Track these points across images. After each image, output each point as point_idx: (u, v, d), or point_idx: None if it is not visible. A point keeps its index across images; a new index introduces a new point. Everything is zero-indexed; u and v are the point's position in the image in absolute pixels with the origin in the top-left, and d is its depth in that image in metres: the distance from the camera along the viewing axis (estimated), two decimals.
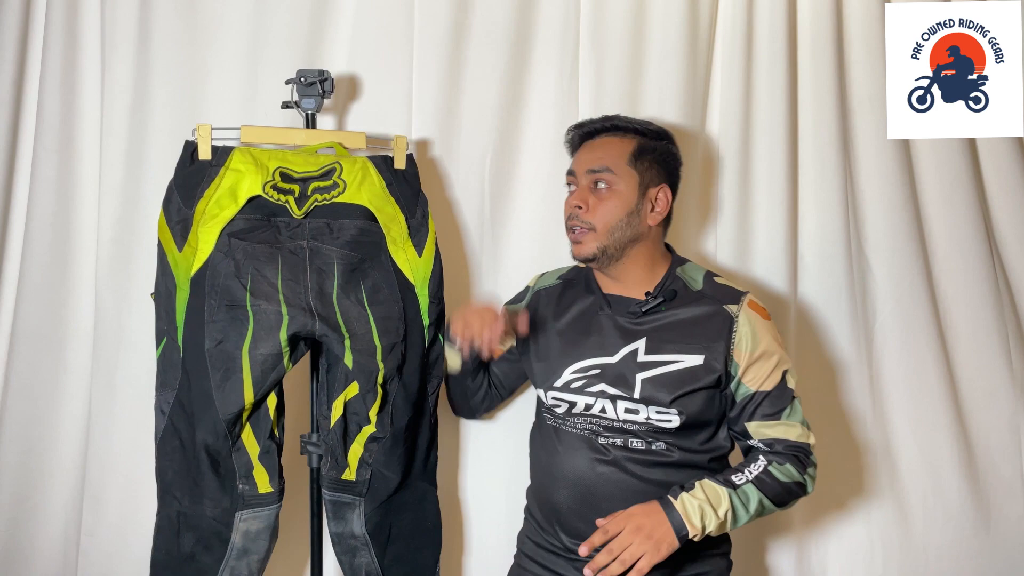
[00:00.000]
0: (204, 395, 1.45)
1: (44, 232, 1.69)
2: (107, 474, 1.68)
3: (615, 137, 1.51)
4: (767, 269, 1.85)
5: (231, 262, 1.48)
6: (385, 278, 1.55)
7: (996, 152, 1.95)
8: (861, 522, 1.88)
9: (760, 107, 1.84)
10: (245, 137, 1.54)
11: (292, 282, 1.50)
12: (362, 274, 1.55)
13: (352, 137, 1.60)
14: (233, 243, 1.49)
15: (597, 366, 1.45)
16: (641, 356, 1.43)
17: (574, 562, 1.46)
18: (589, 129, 1.54)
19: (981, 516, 1.90)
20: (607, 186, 1.46)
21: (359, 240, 1.54)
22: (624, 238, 1.46)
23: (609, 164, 1.47)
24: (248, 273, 1.48)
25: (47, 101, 1.68)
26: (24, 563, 1.71)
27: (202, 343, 1.46)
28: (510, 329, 1.54)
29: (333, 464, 1.56)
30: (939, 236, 1.92)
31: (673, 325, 1.44)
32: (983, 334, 1.93)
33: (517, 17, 1.75)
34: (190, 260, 1.48)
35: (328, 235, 1.54)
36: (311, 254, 1.52)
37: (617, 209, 1.45)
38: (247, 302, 1.46)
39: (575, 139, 1.57)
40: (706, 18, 1.83)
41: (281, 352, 1.47)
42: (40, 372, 1.70)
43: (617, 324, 1.47)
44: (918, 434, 1.89)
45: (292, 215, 1.53)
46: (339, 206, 1.54)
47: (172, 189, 1.51)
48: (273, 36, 1.69)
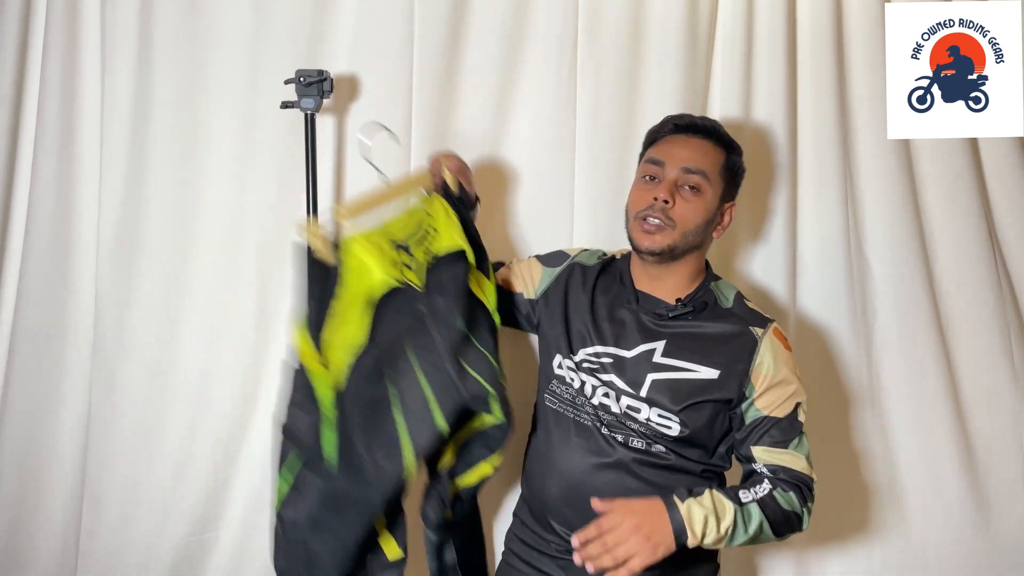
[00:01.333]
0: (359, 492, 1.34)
1: (44, 232, 1.69)
2: (107, 475, 1.68)
3: (710, 142, 1.49)
4: (767, 269, 1.85)
5: (373, 368, 1.36)
6: (483, 314, 1.47)
7: (997, 152, 1.95)
8: (861, 521, 1.88)
9: (760, 107, 1.84)
10: (339, 215, 1.40)
11: (430, 365, 1.37)
12: (473, 319, 1.44)
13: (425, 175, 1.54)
14: (373, 344, 1.36)
15: (611, 355, 1.45)
16: (657, 357, 1.42)
17: (559, 561, 1.45)
18: (688, 123, 1.51)
19: (981, 516, 1.90)
20: (699, 190, 1.45)
21: (463, 285, 1.44)
22: (692, 243, 1.46)
23: (706, 168, 1.46)
24: (393, 373, 1.37)
25: (47, 101, 1.68)
26: (24, 563, 1.72)
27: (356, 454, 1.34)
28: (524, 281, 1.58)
29: (441, 505, 1.46)
30: (940, 236, 1.92)
31: (696, 336, 1.44)
32: (984, 334, 1.93)
33: (516, 17, 1.75)
34: (333, 374, 1.35)
35: (441, 292, 1.42)
36: (434, 319, 1.40)
37: (701, 215, 1.45)
38: (394, 409, 1.35)
39: (669, 129, 1.52)
40: (706, 18, 1.83)
41: (440, 434, 1.37)
42: (40, 372, 1.70)
43: (640, 321, 1.46)
44: (918, 434, 1.89)
45: (417, 290, 1.40)
46: (441, 257, 1.45)
47: (310, 305, 1.36)
48: (273, 36, 1.69)
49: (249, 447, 1.73)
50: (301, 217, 1.61)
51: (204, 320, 1.71)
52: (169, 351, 1.70)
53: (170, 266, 1.70)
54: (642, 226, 1.45)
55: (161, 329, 1.70)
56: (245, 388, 1.72)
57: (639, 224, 1.46)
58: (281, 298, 1.74)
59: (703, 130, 1.50)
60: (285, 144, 1.71)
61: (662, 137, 1.52)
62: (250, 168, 1.71)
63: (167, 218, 1.70)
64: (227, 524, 1.72)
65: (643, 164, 1.52)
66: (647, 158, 1.51)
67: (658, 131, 1.54)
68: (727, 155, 1.50)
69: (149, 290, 1.69)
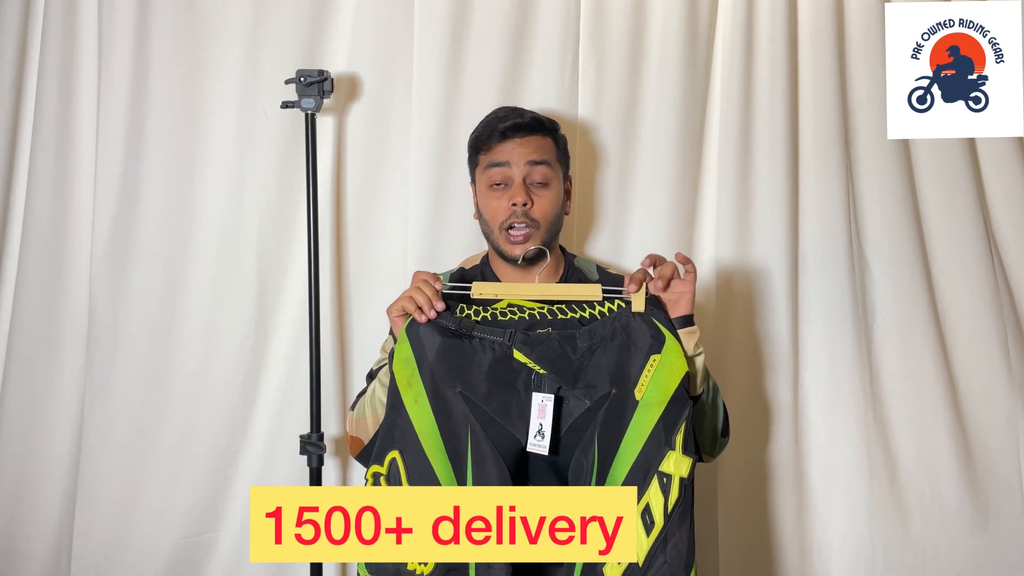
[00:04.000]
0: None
1: (41, 232, 1.69)
2: (102, 476, 1.67)
3: (539, 136, 1.45)
4: (767, 269, 1.85)
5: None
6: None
7: (996, 152, 1.95)
8: (861, 521, 1.88)
9: (760, 107, 1.84)
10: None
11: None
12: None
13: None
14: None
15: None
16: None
17: None
18: (513, 125, 1.43)
19: (979, 515, 1.90)
20: (546, 183, 1.43)
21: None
22: (555, 232, 1.45)
23: (548, 157, 1.43)
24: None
25: (45, 101, 1.68)
26: (18, 565, 1.71)
27: None
28: None
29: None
30: (939, 236, 1.92)
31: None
32: (982, 334, 1.93)
33: (517, 17, 1.74)
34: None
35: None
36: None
37: (556, 204, 1.44)
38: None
39: (498, 136, 1.43)
40: (706, 18, 1.83)
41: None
42: (36, 372, 1.69)
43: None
44: (917, 433, 1.89)
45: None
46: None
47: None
48: (273, 36, 1.69)
49: (247, 447, 1.72)
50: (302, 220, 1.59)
51: (201, 320, 1.70)
52: (166, 351, 1.70)
53: (167, 266, 1.69)
54: (509, 237, 1.41)
55: (157, 329, 1.69)
56: (243, 388, 1.72)
57: (505, 235, 1.41)
58: (279, 298, 1.73)
59: (529, 127, 1.44)
60: (285, 144, 1.71)
61: (494, 143, 1.44)
62: (250, 168, 1.70)
63: (165, 218, 1.69)
64: (226, 524, 1.72)
65: (484, 171, 1.44)
66: (487, 163, 1.44)
67: (487, 137, 1.45)
68: (555, 139, 1.47)
69: (146, 290, 1.68)
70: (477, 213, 1.50)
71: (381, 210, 1.75)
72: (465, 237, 1.74)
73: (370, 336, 1.76)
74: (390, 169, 1.75)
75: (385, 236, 1.76)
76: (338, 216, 1.74)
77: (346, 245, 1.75)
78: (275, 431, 1.72)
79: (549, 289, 1.33)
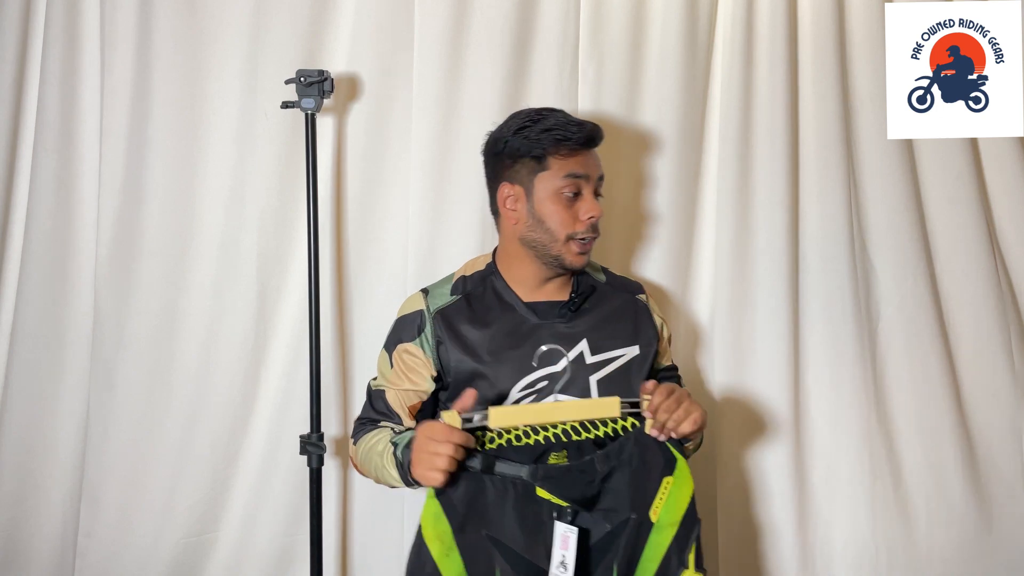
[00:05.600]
0: None
1: (44, 232, 1.69)
2: (105, 475, 1.67)
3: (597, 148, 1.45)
4: (768, 269, 1.85)
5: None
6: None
7: (998, 152, 1.95)
8: (865, 522, 1.87)
9: (760, 107, 1.84)
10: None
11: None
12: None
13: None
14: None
15: (544, 378, 1.37)
16: (589, 359, 1.39)
17: None
18: (589, 136, 1.40)
19: (983, 516, 1.90)
20: (601, 194, 1.44)
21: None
22: None
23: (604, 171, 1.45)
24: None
25: (47, 101, 1.68)
26: (22, 564, 1.71)
27: None
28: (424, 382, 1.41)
29: None
30: (941, 236, 1.92)
31: (602, 322, 1.43)
32: (985, 334, 1.93)
33: (517, 17, 1.75)
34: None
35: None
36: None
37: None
38: None
39: (580, 140, 1.39)
40: (706, 18, 1.83)
41: None
42: (39, 372, 1.70)
43: (554, 331, 1.39)
44: (921, 434, 1.89)
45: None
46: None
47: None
48: (273, 36, 1.69)
49: (248, 448, 1.72)
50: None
51: (203, 320, 1.70)
52: (168, 351, 1.70)
53: (169, 266, 1.69)
54: (578, 248, 1.39)
55: (160, 329, 1.69)
56: (244, 389, 1.72)
57: (573, 245, 1.39)
58: (280, 298, 1.73)
59: (599, 140, 1.42)
60: (285, 144, 1.71)
61: (573, 152, 1.39)
62: (250, 168, 1.70)
63: (167, 218, 1.69)
64: (227, 524, 1.72)
65: (555, 178, 1.38)
66: (566, 172, 1.37)
67: (560, 143, 1.38)
68: None
69: (148, 290, 1.68)
70: (521, 218, 1.41)
71: (381, 210, 1.75)
72: (465, 237, 1.74)
73: (370, 336, 1.75)
74: (390, 169, 1.75)
75: (385, 236, 1.76)
76: (338, 216, 1.74)
77: (346, 245, 1.75)
78: (275, 431, 1.72)
79: (567, 411, 1.27)
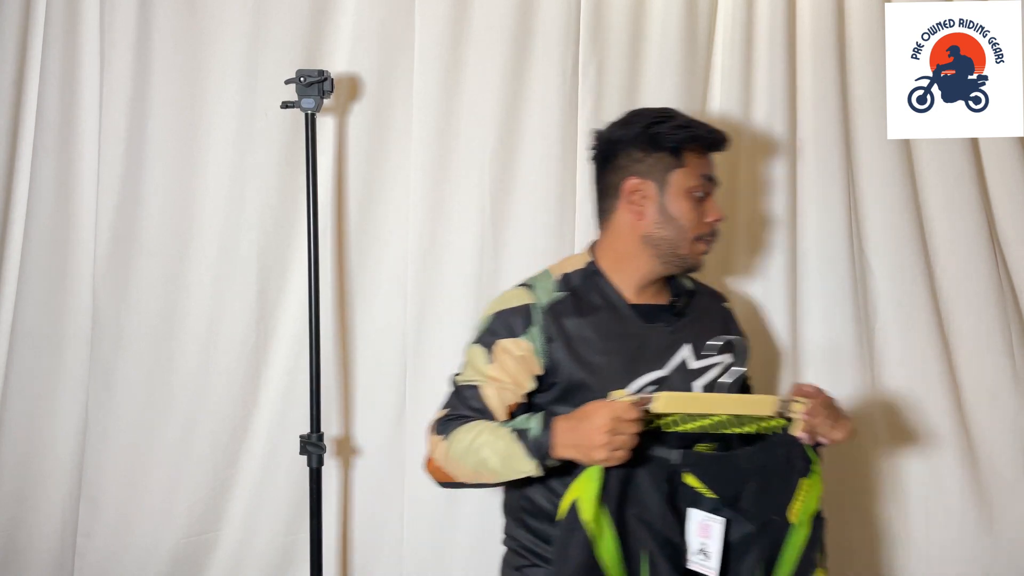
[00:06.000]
0: None
1: (43, 232, 1.69)
2: (104, 475, 1.67)
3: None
4: (768, 271, 1.85)
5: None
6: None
7: (998, 152, 1.95)
8: (864, 521, 1.87)
9: (760, 107, 1.84)
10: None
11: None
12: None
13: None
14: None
15: (652, 383, 1.35)
16: (692, 364, 1.39)
17: None
18: (720, 139, 1.43)
19: (983, 517, 1.89)
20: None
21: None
22: None
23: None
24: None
25: (47, 101, 1.68)
26: (21, 564, 1.71)
27: None
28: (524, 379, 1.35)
29: None
30: (941, 236, 1.92)
31: (701, 327, 1.43)
32: (985, 335, 1.92)
33: (517, 17, 1.75)
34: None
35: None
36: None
37: None
38: None
39: (715, 141, 1.42)
40: (706, 18, 1.83)
41: None
42: (38, 372, 1.70)
43: (660, 334, 1.38)
44: (920, 435, 1.88)
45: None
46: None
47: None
48: (273, 36, 1.69)
49: (248, 448, 1.72)
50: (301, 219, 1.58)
51: (203, 321, 1.70)
52: (168, 351, 1.70)
53: (169, 266, 1.69)
54: (704, 248, 1.40)
55: (159, 329, 1.69)
56: (244, 389, 1.72)
57: (699, 245, 1.39)
58: (280, 298, 1.73)
59: (726, 146, 1.45)
60: (285, 144, 1.71)
61: (706, 154, 1.41)
62: (250, 168, 1.71)
63: (166, 218, 1.70)
64: (227, 524, 1.72)
65: (690, 177, 1.37)
66: (701, 173, 1.39)
67: (696, 142, 1.40)
68: None
69: (148, 290, 1.69)
70: (647, 213, 1.38)
71: (381, 210, 1.75)
72: (466, 237, 1.75)
73: (371, 336, 1.76)
74: (390, 169, 1.75)
75: (385, 236, 1.76)
76: (338, 216, 1.74)
77: (347, 245, 1.75)
78: (275, 431, 1.72)
79: (726, 404, 1.27)
